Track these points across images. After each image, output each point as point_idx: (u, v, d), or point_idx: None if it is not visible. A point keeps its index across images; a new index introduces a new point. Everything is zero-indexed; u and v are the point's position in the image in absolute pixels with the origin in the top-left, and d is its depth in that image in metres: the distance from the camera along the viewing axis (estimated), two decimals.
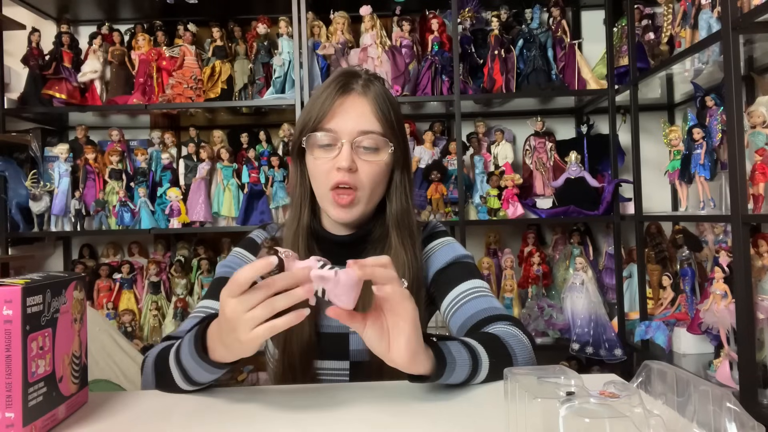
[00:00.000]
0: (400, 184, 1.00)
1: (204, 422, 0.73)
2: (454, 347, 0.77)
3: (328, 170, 0.94)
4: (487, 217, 2.39)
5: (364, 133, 0.93)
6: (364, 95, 0.96)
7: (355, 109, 0.94)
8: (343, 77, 0.97)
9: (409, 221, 1.00)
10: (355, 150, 0.93)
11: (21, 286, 0.61)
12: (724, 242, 2.03)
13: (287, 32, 2.40)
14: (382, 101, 0.96)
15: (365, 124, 0.94)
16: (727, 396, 0.56)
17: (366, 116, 0.94)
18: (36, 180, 2.38)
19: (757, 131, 1.62)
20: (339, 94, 0.94)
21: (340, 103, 0.94)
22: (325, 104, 0.94)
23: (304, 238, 0.99)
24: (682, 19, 1.97)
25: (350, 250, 0.99)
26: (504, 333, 0.87)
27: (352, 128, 0.93)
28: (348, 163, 0.91)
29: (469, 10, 2.45)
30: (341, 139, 0.93)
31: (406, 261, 0.97)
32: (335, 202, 0.94)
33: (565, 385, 0.59)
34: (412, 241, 0.99)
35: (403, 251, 0.97)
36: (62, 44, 2.44)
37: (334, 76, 0.99)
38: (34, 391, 0.64)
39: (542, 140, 2.50)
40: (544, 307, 2.38)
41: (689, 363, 1.94)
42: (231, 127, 2.66)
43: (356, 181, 0.93)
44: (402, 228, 0.98)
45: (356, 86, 0.96)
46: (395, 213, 0.99)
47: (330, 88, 0.96)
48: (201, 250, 2.57)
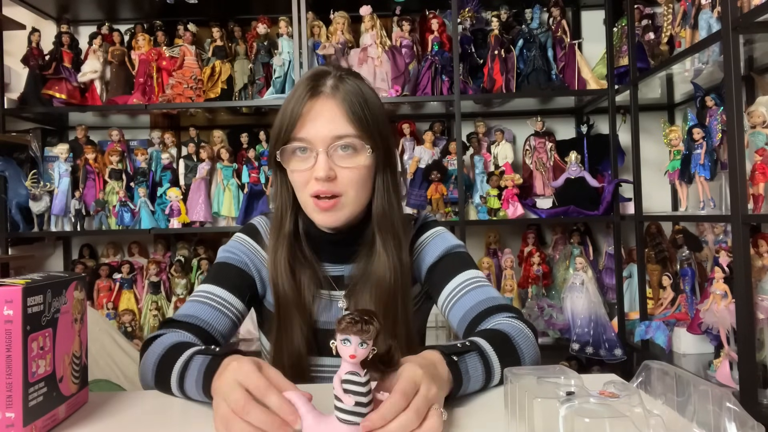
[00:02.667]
0: (382, 185, 0.96)
1: (204, 421, 0.73)
2: (471, 363, 0.76)
3: (306, 180, 0.91)
4: (487, 217, 2.39)
5: (339, 137, 0.89)
6: (333, 97, 0.90)
7: (325, 113, 0.89)
8: (310, 80, 0.92)
9: (392, 223, 0.96)
10: (331, 156, 0.89)
11: (21, 286, 0.61)
12: (724, 242, 2.03)
13: (287, 32, 2.40)
14: (356, 100, 0.90)
15: (338, 128, 0.89)
16: (727, 396, 0.56)
17: (337, 120, 0.89)
18: (36, 180, 2.38)
19: (757, 131, 1.62)
20: (307, 98, 0.89)
21: (308, 109, 0.89)
22: (294, 111, 0.89)
23: (286, 248, 0.96)
24: (682, 19, 1.97)
25: (342, 248, 0.99)
26: (511, 329, 0.86)
27: (324, 135, 0.88)
28: (325, 172, 0.87)
29: (469, 10, 2.45)
30: (316, 148, 0.88)
31: (388, 263, 0.94)
32: (318, 208, 0.91)
33: (564, 385, 0.59)
34: (395, 242, 0.96)
35: (385, 255, 0.94)
36: (62, 44, 2.45)
37: (303, 78, 0.94)
38: (34, 391, 0.64)
39: (542, 140, 2.50)
40: (544, 307, 2.38)
41: (689, 363, 1.94)
42: (231, 127, 2.66)
43: (337, 188, 0.90)
44: (384, 230, 0.95)
45: (324, 88, 0.90)
46: (377, 215, 0.96)
47: (298, 93, 0.91)
48: (201, 250, 2.57)
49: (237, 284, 0.99)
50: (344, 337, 0.60)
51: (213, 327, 0.94)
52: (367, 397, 0.61)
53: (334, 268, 1.02)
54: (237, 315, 0.98)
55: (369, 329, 0.59)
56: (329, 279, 1.02)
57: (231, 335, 0.99)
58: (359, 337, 0.59)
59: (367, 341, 0.60)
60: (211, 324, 0.94)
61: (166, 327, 0.92)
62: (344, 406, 0.60)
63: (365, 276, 0.97)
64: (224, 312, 0.96)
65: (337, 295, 1.01)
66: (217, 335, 0.95)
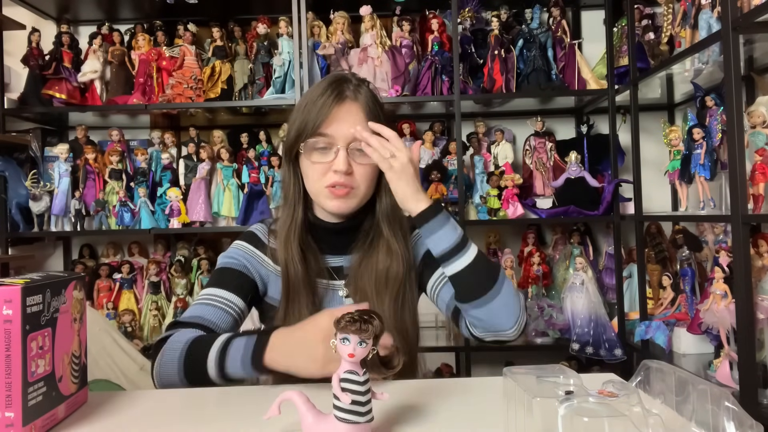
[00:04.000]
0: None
1: (203, 421, 0.73)
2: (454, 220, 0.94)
3: (324, 171, 1.01)
4: (487, 217, 2.39)
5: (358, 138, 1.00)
6: (356, 101, 1.03)
7: (350, 115, 1.01)
8: (336, 84, 1.03)
9: (399, 215, 1.07)
10: (350, 153, 1.00)
11: (21, 286, 0.62)
12: (724, 242, 2.03)
13: (287, 32, 2.40)
14: (372, 105, 1.04)
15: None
16: (726, 395, 0.56)
17: (359, 122, 1.01)
18: (36, 180, 2.38)
19: (757, 131, 1.62)
20: (335, 101, 1.01)
21: (336, 110, 1.00)
22: (322, 111, 1.00)
23: (298, 234, 1.05)
24: (682, 19, 1.97)
25: (342, 237, 1.09)
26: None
27: (347, 134, 1.00)
28: (345, 167, 0.99)
29: (469, 10, 2.45)
30: (337, 144, 1.00)
31: (398, 251, 1.05)
32: (332, 195, 1.01)
33: (564, 385, 0.59)
34: (402, 233, 1.07)
35: (395, 242, 1.05)
36: (62, 44, 2.45)
37: (327, 82, 1.05)
38: (33, 391, 0.64)
39: (542, 140, 2.50)
40: (544, 307, 2.38)
41: (689, 363, 1.94)
42: (231, 127, 2.66)
43: (351, 182, 1.01)
44: (393, 222, 1.07)
45: (349, 93, 1.03)
46: (385, 208, 1.07)
47: (326, 95, 1.01)
48: (201, 250, 2.57)
49: (238, 285, 1.05)
50: (343, 335, 0.60)
51: (218, 326, 0.99)
52: (365, 396, 0.61)
53: (333, 258, 1.10)
54: (239, 313, 1.04)
55: (368, 328, 0.59)
56: (329, 269, 1.10)
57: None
58: (358, 336, 0.59)
59: (366, 340, 0.60)
60: (216, 323, 0.99)
61: (174, 329, 0.96)
62: (342, 404, 0.60)
63: (367, 265, 1.06)
64: (227, 311, 1.02)
65: (337, 284, 1.09)
66: (221, 333, 0.96)
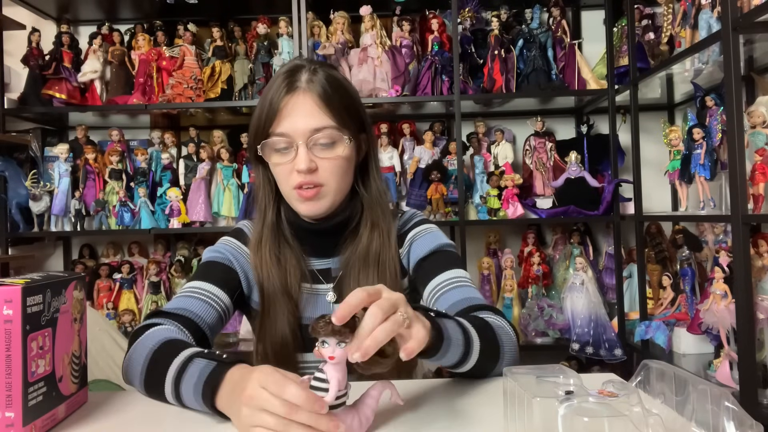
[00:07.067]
0: (374, 165, 1.02)
1: (203, 421, 0.73)
2: (450, 325, 0.75)
3: (288, 172, 0.93)
4: (487, 217, 2.39)
5: (317, 130, 0.91)
6: (309, 90, 0.92)
7: (303, 107, 0.92)
8: (286, 74, 0.94)
9: (383, 201, 1.02)
10: (311, 149, 0.92)
11: (21, 286, 0.61)
12: (724, 242, 2.03)
13: (287, 32, 2.40)
14: (331, 91, 0.93)
15: (316, 121, 0.91)
16: (726, 395, 0.56)
17: (315, 113, 0.91)
18: (36, 180, 2.38)
19: (757, 131, 1.62)
20: (284, 93, 0.92)
21: (285, 104, 0.92)
22: (273, 107, 0.92)
23: (269, 238, 0.99)
24: (682, 19, 1.97)
25: (326, 238, 1.01)
26: (492, 322, 0.87)
27: (303, 128, 0.91)
28: (306, 164, 0.90)
29: (469, 10, 2.45)
30: (295, 141, 0.91)
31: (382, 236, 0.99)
32: (301, 197, 0.94)
33: (563, 385, 0.59)
34: (384, 217, 1.01)
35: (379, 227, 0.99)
36: (62, 44, 2.45)
37: (277, 73, 0.97)
38: (33, 391, 0.64)
39: (542, 140, 2.50)
40: (544, 307, 2.38)
41: (689, 363, 1.94)
42: (231, 127, 2.65)
43: (318, 179, 0.93)
44: (375, 206, 1.00)
45: (300, 83, 0.93)
46: (369, 196, 1.01)
47: (274, 89, 0.93)
48: (201, 250, 2.57)
49: (223, 279, 1.00)
50: (321, 339, 0.60)
51: (202, 319, 0.94)
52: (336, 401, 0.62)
53: (319, 261, 1.04)
54: (224, 309, 0.98)
55: (344, 330, 0.59)
56: (315, 272, 1.03)
57: (218, 329, 0.99)
58: (335, 337, 0.60)
59: (344, 340, 0.60)
60: (200, 316, 0.94)
61: (156, 317, 0.91)
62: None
63: (355, 262, 0.99)
64: (212, 305, 0.96)
65: (324, 288, 1.03)
66: (205, 327, 0.94)
